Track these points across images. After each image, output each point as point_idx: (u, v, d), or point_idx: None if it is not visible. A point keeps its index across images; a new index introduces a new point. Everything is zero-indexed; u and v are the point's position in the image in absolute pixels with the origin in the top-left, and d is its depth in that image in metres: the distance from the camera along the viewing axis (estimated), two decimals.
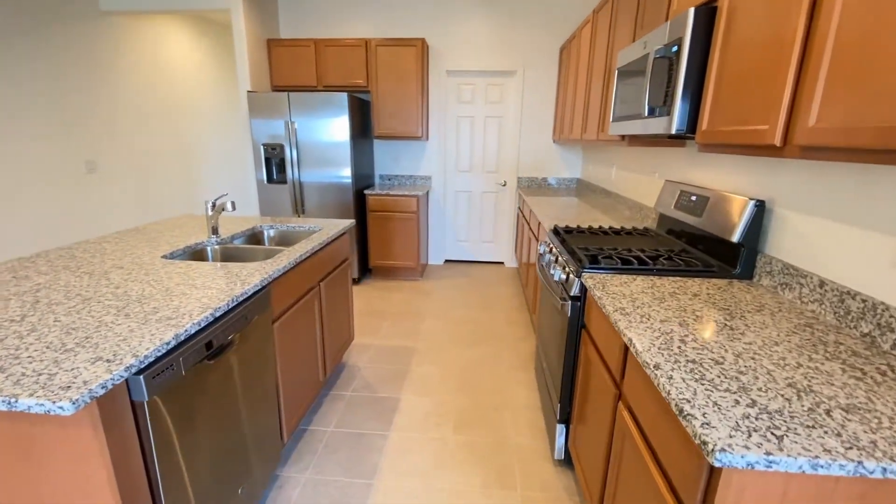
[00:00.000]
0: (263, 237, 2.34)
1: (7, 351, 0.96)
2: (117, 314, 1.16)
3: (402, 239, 3.99)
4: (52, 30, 3.18)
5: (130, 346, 1.00)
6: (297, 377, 1.86)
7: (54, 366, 0.91)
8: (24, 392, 0.82)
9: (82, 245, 1.86)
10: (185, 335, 1.10)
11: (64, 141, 3.29)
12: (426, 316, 3.34)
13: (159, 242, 1.92)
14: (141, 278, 1.45)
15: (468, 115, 4.32)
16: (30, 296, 1.28)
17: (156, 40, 4.17)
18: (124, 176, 3.87)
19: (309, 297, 1.94)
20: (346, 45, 3.83)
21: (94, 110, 3.55)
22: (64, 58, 3.28)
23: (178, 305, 1.23)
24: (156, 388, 1.02)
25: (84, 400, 0.82)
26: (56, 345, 0.99)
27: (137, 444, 1.00)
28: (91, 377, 0.87)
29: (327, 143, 3.60)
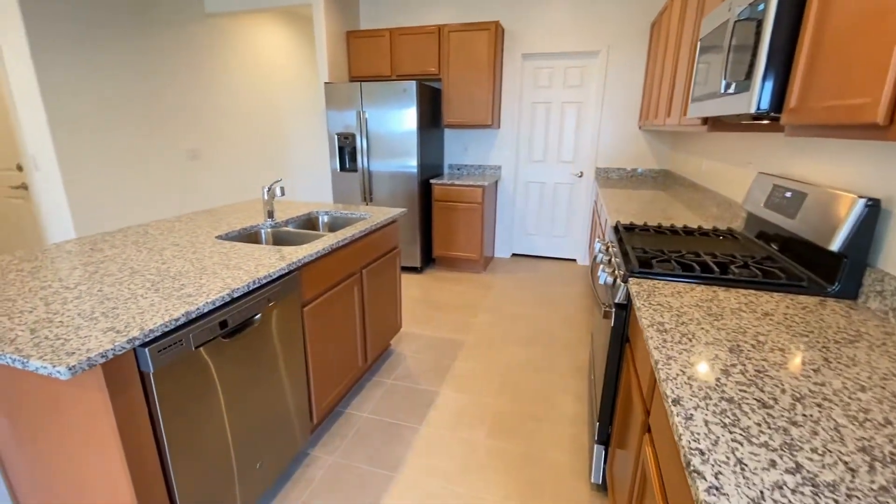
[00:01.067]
0: (318, 222, 2.43)
1: (48, 315, 1.08)
2: (150, 288, 1.25)
3: (465, 230, 3.92)
4: (164, 32, 3.61)
5: (143, 319, 1.06)
6: (332, 361, 1.90)
7: (73, 332, 0.99)
8: (35, 354, 0.90)
9: (159, 223, 2.07)
10: (197, 313, 1.14)
11: (171, 131, 3.74)
12: (481, 309, 3.24)
13: (221, 223, 2.07)
14: (188, 256, 1.56)
15: (544, 100, 4.07)
16: (93, 266, 1.44)
17: (252, 38, 4.55)
18: (221, 163, 4.30)
19: (348, 283, 1.96)
20: (420, 32, 3.81)
21: (197, 103, 3.98)
22: (174, 56, 3.71)
23: (203, 284, 1.29)
24: (162, 360, 1.07)
25: (82, 367, 0.88)
26: (87, 313, 1.09)
27: (146, 410, 1.07)
28: (95, 346, 0.94)
29: (395, 133, 3.63)
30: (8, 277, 1.33)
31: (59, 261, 1.49)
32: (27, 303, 1.14)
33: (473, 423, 2.02)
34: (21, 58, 2.75)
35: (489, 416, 2.07)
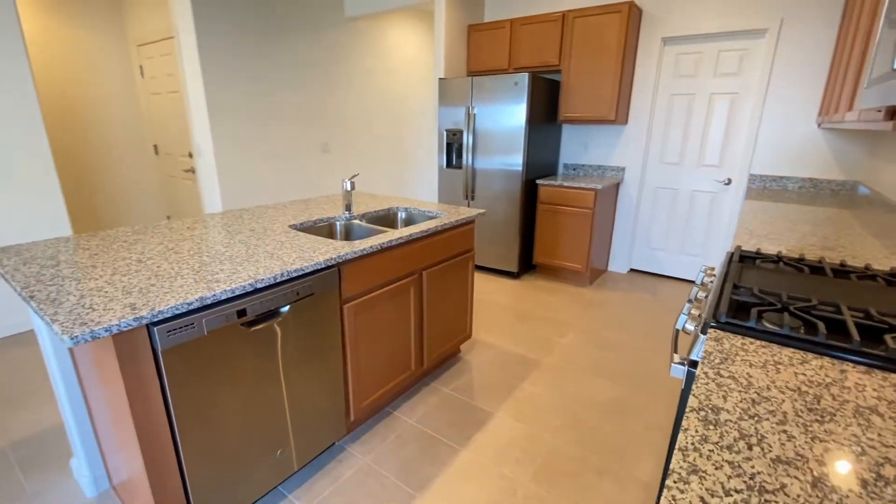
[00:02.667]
0: (397, 218, 2.41)
1: (104, 285, 1.23)
2: (194, 270, 1.35)
3: (572, 237, 3.54)
4: (308, 35, 4.03)
5: (163, 299, 1.13)
6: (376, 361, 1.85)
7: (104, 304, 1.10)
8: (62, 319, 1.01)
9: (256, 208, 2.28)
10: (212, 300, 1.18)
11: (307, 126, 4.18)
12: (573, 329, 2.89)
13: (303, 213, 2.19)
14: (251, 242, 1.66)
15: (686, 92, 3.42)
16: (172, 244, 1.62)
17: (384, 37, 4.81)
18: (348, 156, 4.67)
19: (402, 284, 1.89)
20: (542, 20, 3.53)
21: (330, 100, 4.37)
22: (315, 57, 4.13)
23: (238, 271, 1.34)
24: (171, 341, 1.13)
25: (85, 338, 0.96)
26: (129, 287, 1.21)
27: (157, 383, 1.14)
28: (107, 320, 1.02)
29: (502, 129, 3.45)
30: (114, 246, 1.58)
31: (158, 236, 1.73)
32: (102, 271, 1.33)
33: (522, 460, 1.77)
34: (191, 58, 3.34)
35: (542, 456, 1.79)
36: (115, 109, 4.03)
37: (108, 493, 1.61)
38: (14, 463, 1.75)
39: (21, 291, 1.18)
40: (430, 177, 5.74)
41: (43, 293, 1.15)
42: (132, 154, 4.21)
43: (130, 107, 4.12)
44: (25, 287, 1.20)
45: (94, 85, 3.90)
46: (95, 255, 1.48)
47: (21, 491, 1.62)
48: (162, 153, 4.17)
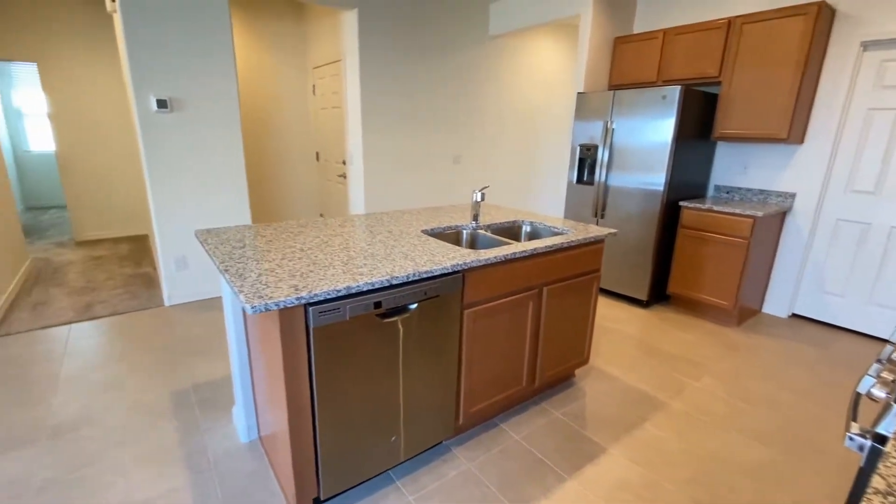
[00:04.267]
0: (521, 231, 2.42)
1: (275, 267, 1.47)
2: (344, 262, 1.54)
3: (719, 269, 3.13)
4: (454, 54, 4.29)
5: (318, 284, 1.31)
6: (489, 371, 1.87)
7: (276, 282, 1.32)
8: (246, 291, 1.24)
9: (393, 213, 2.50)
10: (356, 290, 1.33)
11: (443, 138, 4.44)
12: (710, 372, 2.54)
13: (434, 220, 2.33)
14: (388, 242, 1.83)
15: (891, 106, 2.79)
16: (327, 238, 1.87)
17: (524, 53, 4.87)
18: (477, 167, 4.83)
19: (521, 297, 1.88)
20: (702, 29, 3.22)
21: (464, 114, 4.57)
22: (458, 74, 4.37)
23: (377, 266, 1.49)
24: (321, 321, 1.30)
25: (259, 309, 1.17)
26: (294, 271, 1.44)
27: (306, 354, 1.33)
28: (277, 296, 1.22)
29: (643, 145, 3.22)
30: (283, 236, 1.88)
31: (316, 231, 2.01)
32: (274, 255, 1.59)
33: None
34: (353, 78, 3.81)
35: None
36: (290, 122, 4.81)
37: (256, 442, 1.91)
38: (194, 402, 2.18)
39: (219, 265, 1.48)
40: (556, 191, 5.62)
41: (233, 269, 1.43)
42: (299, 160, 4.96)
43: (302, 120, 4.87)
44: (222, 262, 1.50)
45: (278, 101, 4.70)
46: (270, 241, 1.78)
47: (195, 425, 2.02)
48: (322, 160, 4.82)
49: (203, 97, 3.15)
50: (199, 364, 2.52)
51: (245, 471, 1.75)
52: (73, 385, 2.29)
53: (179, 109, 3.08)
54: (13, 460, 1.78)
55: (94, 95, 4.89)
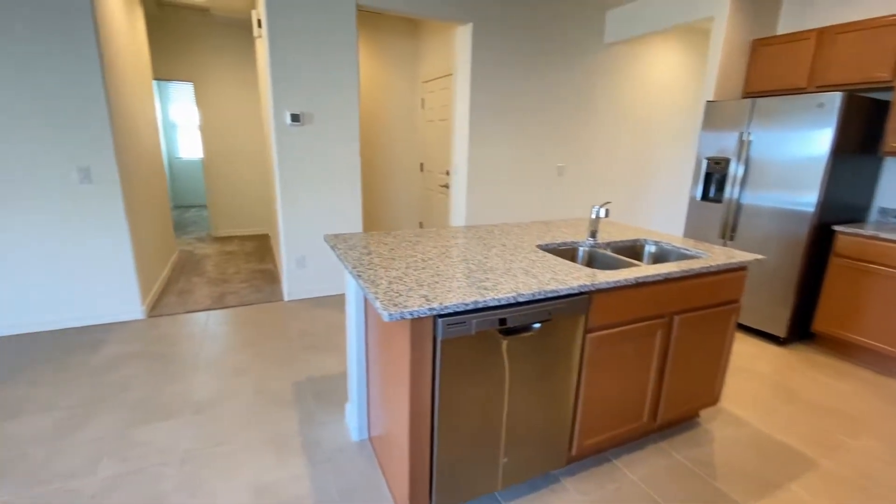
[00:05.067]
0: (643, 252, 2.23)
1: (402, 275, 1.51)
2: (465, 275, 1.53)
3: (884, 307, 2.62)
4: (566, 63, 4.18)
5: (447, 296, 1.31)
6: (607, 401, 1.74)
7: (406, 291, 1.35)
8: (381, 298, 1.28)
9: (503, 226, 2.47)
10: (483, 305, 1.31)
11: (548, 149, 4.33)
12: (873, 432, 2.11)
13: (547, 235, 2.25)
14: (505, 256, 1.79)
15: None
16: (444, 249, 1.89)
17: (642, 61, 4.58)
18: (582, 180, 4.63)
19: (649, 325, 1.72)
20: (871, 27, 2.75)
21: (571, 124, 4.41)
22: (569, 84, 4.25)
23: (500, 282, 1.46)
24: (449, 333, 1.30)
25: (395, 317, 1.19)
26: (422, 280, 1.46)
27: (430, 364, 1.33)
28: (411, 305, 1.24)
29: (788, 159, 2.82)
30: (402, 245, 1.94)
31: (432, 241, 2.04)
32: (399, 263, 1.64)
33: None
34: (463, 90, 3.87)
35: None
36: (399, 134, 5.04)
37: (366, 442, 1.98)
38: (310, 394, 2.33)
39: (351, 270, 1.55)
40: (672, 208, 5.18)
41: (365, 275, 1.49)
42: (403, 170, 5.18)
43: (409, 132, 5.08)
44: (354, 267, 1.57)
45: (388, 114, 4.95)
46: (392, 249, 1.84)
47: (311, 417, 2.14)
48: (425, 170, 4.98)
49: (328, 111, 3.42)
50: (314, 358, 2.70)
51: (357, 469, 1.81)
52: (210, 366, 2.58)
53: (308, 123, 3.37)
54: (163, 429, 2.03)
55: (234, 110, 5.59)
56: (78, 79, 2.72)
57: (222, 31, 5.33)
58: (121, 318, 3.16)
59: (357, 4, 3.30)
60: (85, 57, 2.71)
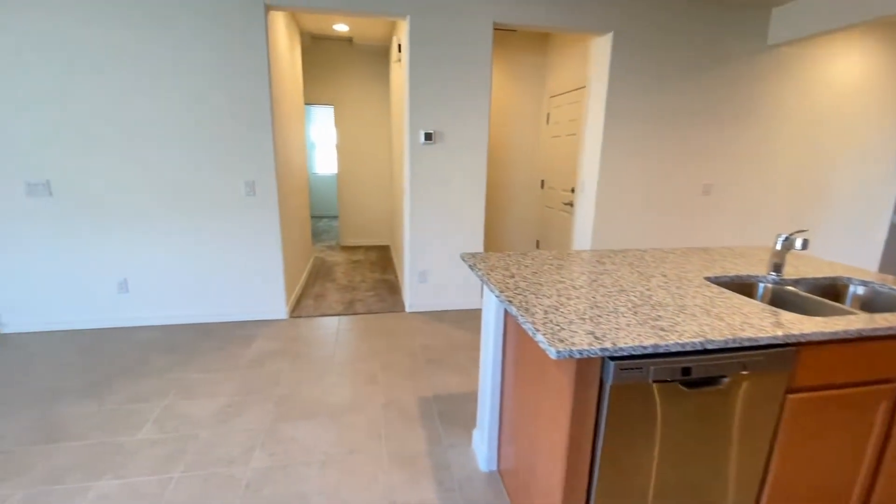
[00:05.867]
0: (846, 293, 1.80)
1: (557, 304, 1.38)
2: (630, 309, 1.35)
3: None
4: (714, 71, 3.71)
5: (617, 335, 1.15)
6: (806, 479, 1.39)
7: (566, 323, 1.22)
8: (542, 330, 1.17)
9: (655, 252, 2.20)
10: (664, 349, 1.12)
11: (692, 164, 3.87)
12: None
13: (714, 265, 1.94)
14: (671, 289, 1.57)
15: None
16: (594, 276, 1.72)
17: (815, 65, 3.89)
18: (734, 199, 4.04)
19: (869, 391, 1.35)
20: None
21: (724, 136, 3.89)
22: (720, 92, 3.77)
23: (679, 322, 1.25)
24: (621, 377, 1.13)
25: (564, 354, 1.07)
26: (579, 311, 1.32)
27: (594, 411, 1.18)
28: (578, 342, 1.11)
29: None
30: (544, 268, 1.82)
31: (575, 265, 1.89)
32: (548, 290, 1.52)
33: None
34: (597, 103, 3.65)
35: None
36: (520, 149, 4.96)
37: (495, 474, 1.87)
38: (436, 412, 2.30)
39: (500, 294, 1.47)
40: (858, 236, 4.28)
41: (516, 301, 1.40)
42: (523, 187, 5.06)
43: (531, 148, 4.97)
44: (502, 291, 1.49)
45: (511, 129, 4.90)
46: (535, 273, 1.72)
47: (438, 437, 2.10)
48: (546, 187, 4.81)
49: (459, 130, 3.47)
50: (437, 374, 2.69)
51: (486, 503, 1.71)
52: (343, 371, 2.71)
53: (440, 141, 3.45)
54: (305, 428, 2.15)
55: (366, 131, 6.04)
56: (251, 105, 3.13)
57: (361, 57, 5.82)
58: (268, 317, 3.52)
59: (494, 22, 3.31)
60: (258, 87, 3.11)
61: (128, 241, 3.19)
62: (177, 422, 2.17)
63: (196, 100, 3.05)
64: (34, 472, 1.82)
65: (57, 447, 1.97)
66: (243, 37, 3.02)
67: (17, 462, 1.87)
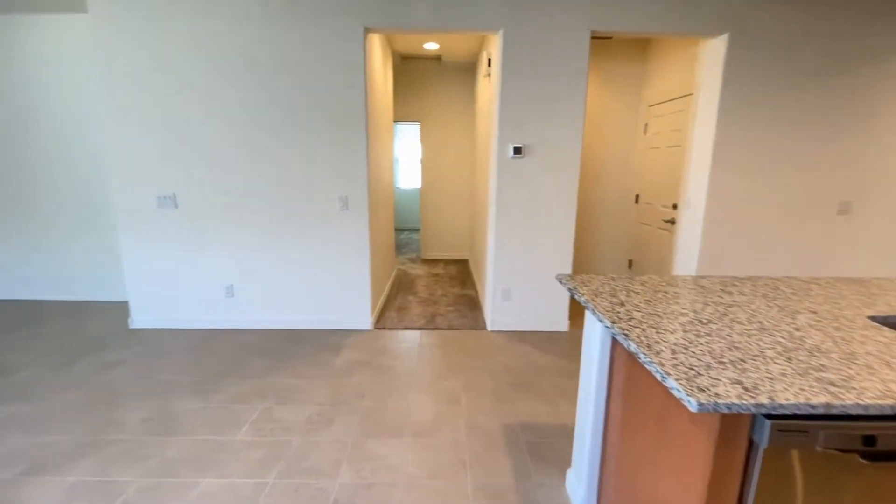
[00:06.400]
0: None
1: (684, 341, 1.20)
2: (780, 353, 1.12)
3: None
4: (860, 68, 3.18)
5: (773, 387, 0.95)
6: None
7: (704, 369, 1.04)
8: (673, 374, 1.00)
9: (791, 281, 1.88)
10: (839, 411, 0.90)
11: (824, 178, 3.33)
12: None
13: (876, 301, 1.60)
14: (828, 331, 1.29)
15: None
16: (722, 308, 1.48)
17: None
18: (881, 219, 3.42)
19: None
20: None
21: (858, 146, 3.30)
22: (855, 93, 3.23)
23: (852, 376, 1.01)
24: (779, 440, 0.92)
25: (708, 408, 0.89)
26: (716, 354, 1.12)
27: (739, 478, 0.98)
28: (724, 393, 0.92)
29: None
30: (657, 295, 1.62)
31: (694, 293, 1.66)
32: (669, 323, 1.33)
33: None
34: (707, 111, 3.29)
35: None
36: (613, 162, 4.66)
37: None
38: (523, 443, 2.15)
39: (611, 325, 1.31)
40: None
41: (634, 334, 1.23)
42: (614, 201, 4.75)
43: (625, 160, 4.65)
44: (614, 322, 1.32)
45: (603, 141, 4.63)
46: (649, 302, 1.53)
47: (527, 472, 1.95)
48: (642, 202, 4.46)
49: (550, 143, 3.33)
50: (522, 400, 2.54)
51: None
52: (425, 388, 2.67)
53: (529, 155, 3.34)
54: (390, 446, 2.12)
55: (449, 145, 6.10)
56: (348, 125, 3.27)
57: (448, 74, 5.92)
58: (354, 327, 3.62)
59: (591, 31, 3.15)
60: (355, 107, 3.24)
61: (235, 250, 3.47)
62: (272, 425, 2.26)
63: (299, 121, 3.26)
64: (151, 462, 1.98)
65: (170, 440, 2.13)
66: (343, 60, 3.17)
67: (138, 451, 2.05)
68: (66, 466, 1.94)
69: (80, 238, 4.15)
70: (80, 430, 2.21)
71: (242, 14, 3.10)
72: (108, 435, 2.17)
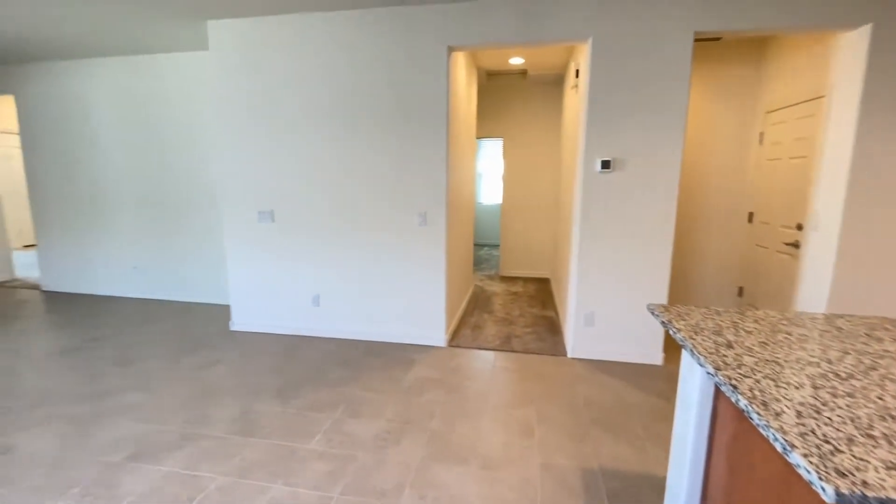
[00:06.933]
0: None
1: (814, 401, 0.95)
2: None
3: None
4: None
5: None
6: None
7: (845, 442, 0.80)
8: (800, 447, 0.78)
9: None
10: None
11: None
12: None
13: None
14: None
15: None
16: (868, 359, 1.17)
17: None
18: None
19: None
20: None
21: None
22: None
23: None
24: None
25: (851, 501, 0.67)
26: (861, 423, 0.86)
27: None
28: (875, 482, 0.69)
29: None
30: (777, 337, 1.33)
31: (828, 336, 1.34)
32: (794, 375, 1.07)
33: None
34: (846, 111, 2.77)
35: None
36: (722, 176, 4.15)
37: None
38: (604, 493, 1.91)
39: (714, 372, 1.09)
40: None
41: (744, 387, 1.00)
42: (723, 220, 4.20)
43: (736, 173, 4.11)
44: (718, 369, 1.10)
45: (710, 153, 4.15)
46: (766, 344, 1.26)
47: None
48: (757, 221, 3.89)
49: (644, 157, 3.04)
50: (604, 440, 2.29)
51: None
52: (497, 415, 2.52)
53: (619, 169, 3.08)
54: (455, 474, 2.02)
55: (532, 161, 5.94)
56: (430, 144, 3.30)
57: (533, 89, 5.79)
58: (428, 342, 3.60)
59: (695, 32, 2.84)
60: (437, 126, 3.27)
61: (323, 262, 3.66)
62: (342, 437, 2.29)
63: (384, 140, 3.37)
64: (233, 461, 2.10)
65: (250, 441, 2.25)
66: (427, 80, 3.23)
67: (224, 450, 2.19)
68: (163, 456, 2.13)
69: (196, 248, 4.71)
70: (180, 422, 2.43)
71: (335, 46, 3.32)
72: (202, 430, 2.36)
